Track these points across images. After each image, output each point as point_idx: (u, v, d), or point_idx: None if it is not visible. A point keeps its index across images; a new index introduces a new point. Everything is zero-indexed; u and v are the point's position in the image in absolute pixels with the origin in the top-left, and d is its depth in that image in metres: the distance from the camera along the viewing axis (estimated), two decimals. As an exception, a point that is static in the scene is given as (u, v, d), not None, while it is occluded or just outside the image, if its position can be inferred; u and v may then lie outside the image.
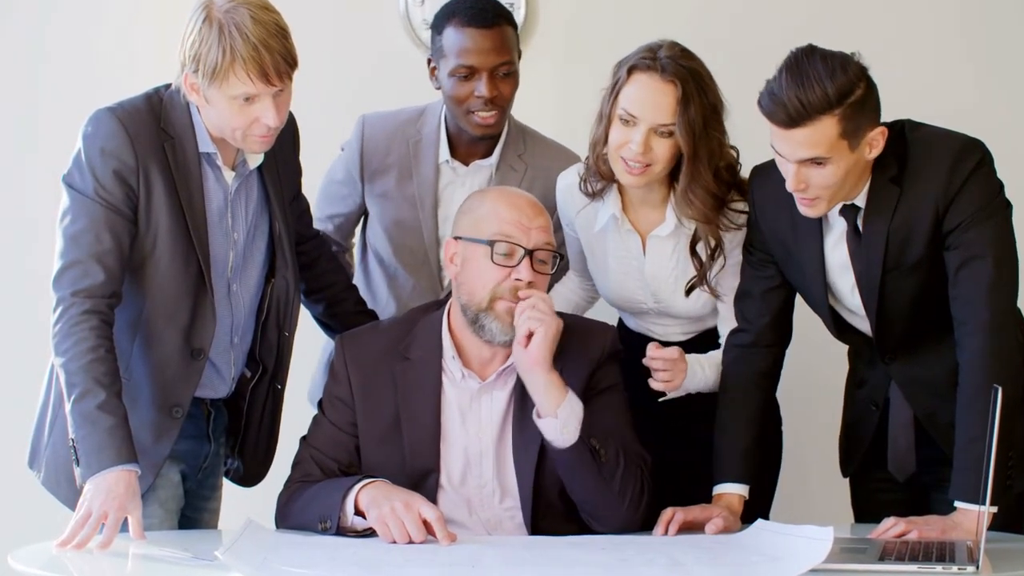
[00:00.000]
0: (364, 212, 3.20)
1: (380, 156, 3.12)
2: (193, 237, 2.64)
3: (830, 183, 2.54)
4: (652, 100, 2.74)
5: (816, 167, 2.52)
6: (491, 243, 2.60)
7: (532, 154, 3.14)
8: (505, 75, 3.00)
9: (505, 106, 3.03)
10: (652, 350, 2.76)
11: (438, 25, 3.04)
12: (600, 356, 2.70)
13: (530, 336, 2.56)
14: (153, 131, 2.62)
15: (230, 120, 2.57)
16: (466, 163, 3.11)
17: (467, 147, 3.11)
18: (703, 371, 2.83)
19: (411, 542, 2.45)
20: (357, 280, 3.22)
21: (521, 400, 2.65)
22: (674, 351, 2.77)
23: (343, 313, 3.04)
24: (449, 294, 3.03)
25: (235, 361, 2.79)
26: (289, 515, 2.62)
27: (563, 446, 2.57)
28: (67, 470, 2.60)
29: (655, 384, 2.78)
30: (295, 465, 2.71)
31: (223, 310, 2.71)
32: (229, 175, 2.69)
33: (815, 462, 3.26)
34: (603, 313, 3.10)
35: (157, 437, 2.66)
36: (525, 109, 3.21)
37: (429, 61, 3.07)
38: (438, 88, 3.06)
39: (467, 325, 2.65)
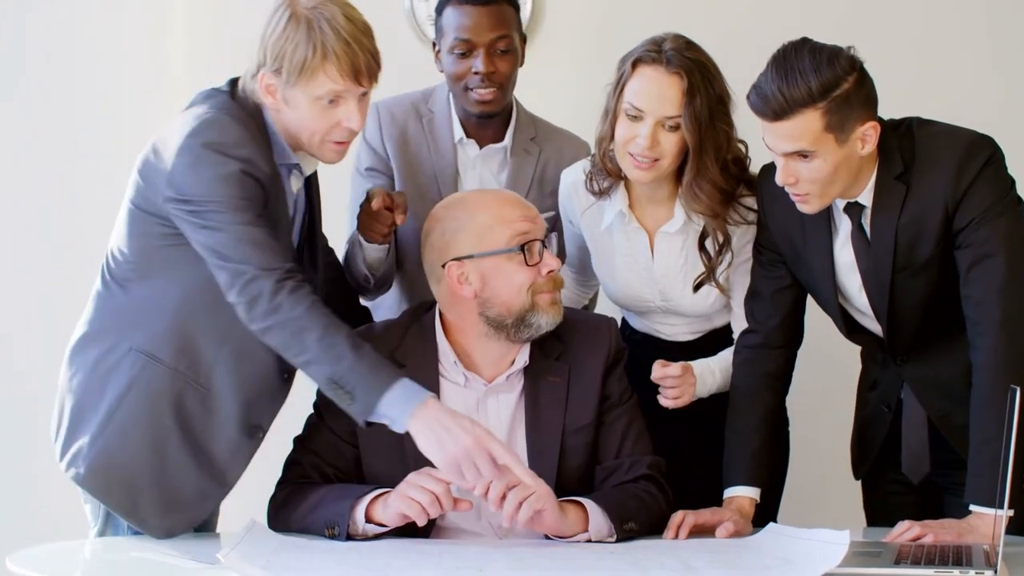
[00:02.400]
0: None
1: (398, 134, 3.11)
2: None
3: (818, 177, 2.51)
4: (658, 93, 2.71)
5: (803, 160, 2.49)
6: (520, 248, 2.57)
7: (544, 139, 3.13)
8: (503, 52, 3.00)
9: (504, 83, 3.02)
10: (658, 369, 2.73)
11: (439, 6, 3.06)
12: (607, 358, 2.67)
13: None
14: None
15: (310, 123, 2.47)
16: (480, 145, 3.10)
17: (475, 129, 3.10)
18: (713, 376, 2.81)
19: (439, 504, 2.42)
20: None
21: (533, 404, 2.61)
22: (678, 368, 2.74)
23: (334, 306, 2.98)
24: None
25: None
26: (289, 518, 2.58)
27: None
28: (120, 472, 2.47)
29: (664, 401, 2.76)
30: (288, 466, 2.66)
31: None
32: (296, 185, 2.59)
33: (826, 464, 3.22)
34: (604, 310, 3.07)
35: (232, 454, 2.54)
36: (535, 99, 3.19)
37: (434, 45, 3.09)
38: (441, 71, 3.07)
39: (497, 336, 2.60)
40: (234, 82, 2.55)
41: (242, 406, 2.54)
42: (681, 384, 2.75)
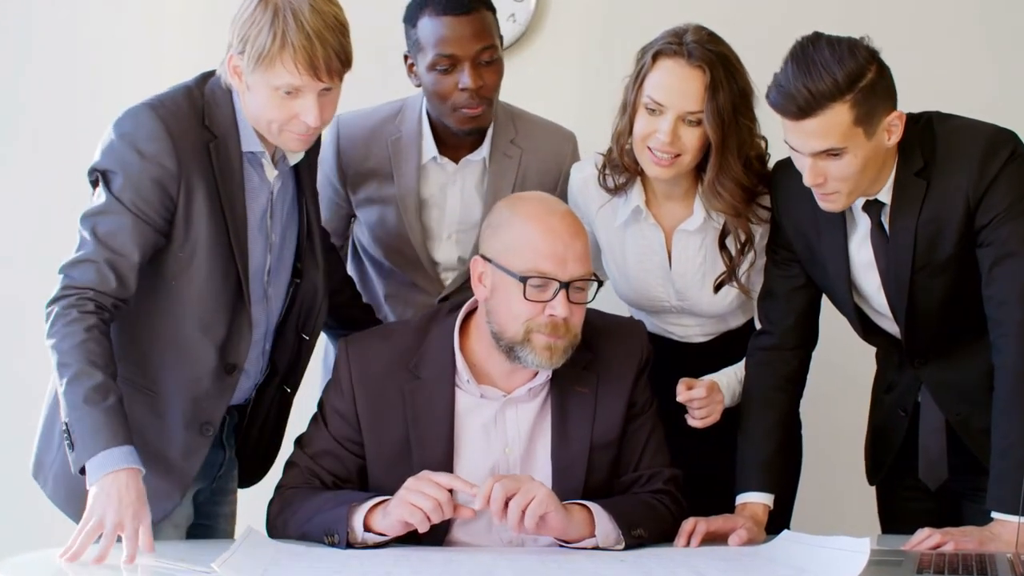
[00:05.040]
0: (352, 215, 3.07)
1: (359, 161, 2.96)
2: (234, 247, 2.50)
3: (848, 174, 2.45)
4: (679, 87, 2.64)
5: (832, 159, 2.43)
6: (523, 279, 2.45)
7: (525, 136, 2.98)
8: (488, 62, 2.83)
9: (491, 97, 2.86)
10: (684, 392, 2.66)
11: (411, 17, 2.86)
12: (638, 367, 2.60)
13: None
14: (196, 131, 2.48)
15: (268, 111, 2.44)
16: (455, 159, 2.95)
17: (455, 139, 2.94)
18: (741, 385, 2.75)
19: (440, 510, 2.35)
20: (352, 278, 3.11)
21: (560, 417, 2.54)
22: (703, 389, 2.67)
23: (338, 305, 2.92)
24: (454, 295, 2.93)
25: (263, 367, 2.68)
26: (287, 524, 2.51)
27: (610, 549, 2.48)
28: (78, 484, 2.44)
29: (693, 422, 2.69)
30: (288, 467, 2.60)
31: (259, 316, 2.59)
32: (271, 172, 2.56)
33: (838, 468, 3.17)
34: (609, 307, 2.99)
35: (186, 455, 2.53)
36: (538, 98, 3.11)
37: (406, 58, 2.90)
38: (418, 85, 2.90)
39: (497, 349, 2.51)
40: (213, 72, 2.55)
41: (190, 405, 2.53)
42: (709, 403, 2.68)
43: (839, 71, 2.38)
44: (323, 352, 3.14)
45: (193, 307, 2.51)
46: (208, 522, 2.76)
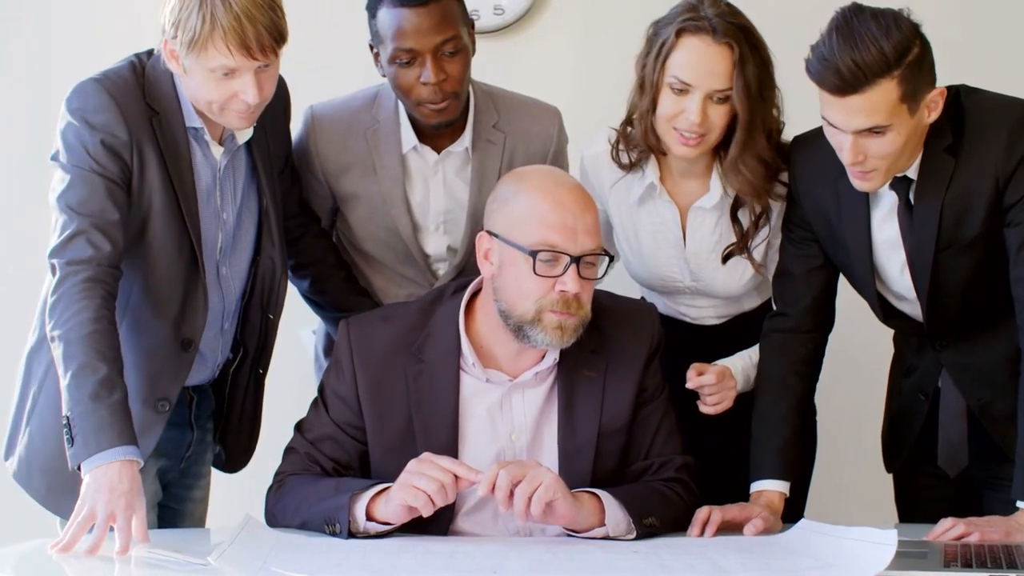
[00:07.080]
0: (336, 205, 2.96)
1: (335, 154, 2.85)
2: (186, 219, 2.50)
3: (889, 152, 2.37)
4: (707, 66, 2.56)
5: (875, 136, 2.35)
6: (533, 254, 2.37)
7: (508, 120, 2.86)
8: (452, 53, 2.70)
9: (458, 90, 2.73)
10: (694, 378, 2.59)
11: (371, 6, 2.75)
12: (648, 351, 2.52)
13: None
14: (140, 105, 2.49)
15: (207, 93, 2.44)
16: (436, 148, 2.84)
17: (433, 130, 2.81)
18: (756, 370, 2.67)
19: (444, 492, 2.28)
20: None
21: (566, 402, 2.46)
22: (713, 376, 2.60)
23: (331, 290, 2.87)
24: (459, 276, 2.84)
25: (222, 348, 2.66)
26: (286, 513, 2.44)
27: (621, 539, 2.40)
28: (41, 463, 2.45)
29: (705, 409, 2.62)
30: (287, 453, 2.53)
31: (214, 296, 2.58)
32: (217, 151, 2.55)
33: (854, 456, 3.13)
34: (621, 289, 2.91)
35: (141, 432, 2.46)
36: (543, 82, 3.06)
37: (372, 47, 2.78)
38: (384, 76, 2.78)
39: (505, 329, 2.43)
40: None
41: (146, 380, 2.53)
42: (720, 390, 2.61)
43: (887, 44, 2.29)
44: (316, 342, 3.09)
45: (147, 280, 2.52)
46: (177, 505, 2.74)
